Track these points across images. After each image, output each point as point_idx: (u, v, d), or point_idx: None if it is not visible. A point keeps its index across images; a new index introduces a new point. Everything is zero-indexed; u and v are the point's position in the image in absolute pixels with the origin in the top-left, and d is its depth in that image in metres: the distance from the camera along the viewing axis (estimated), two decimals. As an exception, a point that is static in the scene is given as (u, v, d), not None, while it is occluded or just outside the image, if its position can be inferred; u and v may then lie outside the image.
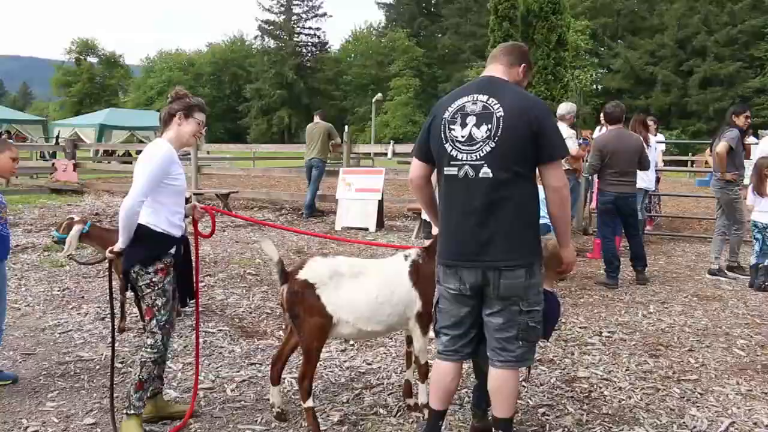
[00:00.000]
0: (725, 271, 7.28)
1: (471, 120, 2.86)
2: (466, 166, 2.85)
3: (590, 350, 4.82)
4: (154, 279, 3.34)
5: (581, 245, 9.08)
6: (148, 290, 3.35)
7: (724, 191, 7.19)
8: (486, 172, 2.81)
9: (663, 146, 11.16)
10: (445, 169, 2.93)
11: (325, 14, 69.32)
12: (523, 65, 3.09)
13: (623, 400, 3.94)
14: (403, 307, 3.55)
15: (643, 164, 6.86)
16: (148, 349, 3.37)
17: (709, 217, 10.26)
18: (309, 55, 69.54)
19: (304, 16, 68.88)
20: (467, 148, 2.85)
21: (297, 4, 68.55)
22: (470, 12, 60.06)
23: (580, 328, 5.36)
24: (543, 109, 2.89)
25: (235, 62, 71.02)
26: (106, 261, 4.21)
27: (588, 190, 9.70)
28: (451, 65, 59.41)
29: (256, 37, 70.74)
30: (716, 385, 4.20)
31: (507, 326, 2.88)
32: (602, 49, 52.34)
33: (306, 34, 69.49)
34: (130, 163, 25.25)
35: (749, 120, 7.27)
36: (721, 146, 7.01)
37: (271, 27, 68.48)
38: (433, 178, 3.13)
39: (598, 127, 9.65)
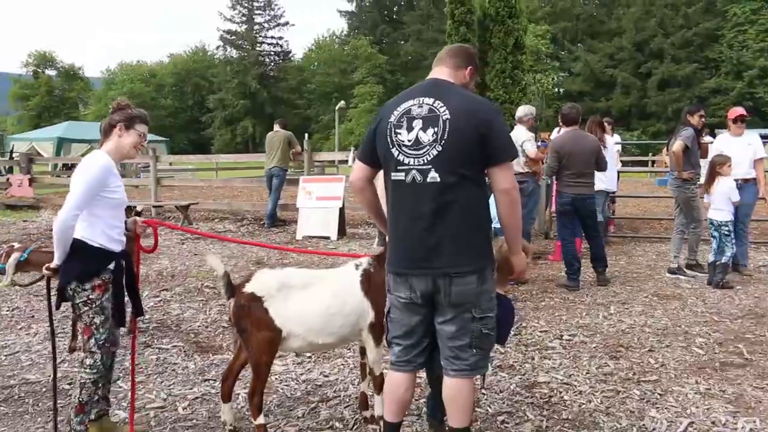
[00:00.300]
0: (684, 269, 7.32)
1: (417, 123, 2.78)
2: (414, 171, 2.77)
3: (551, 354, 4.77)
4: (91, 296, 3.20)
5: (543, 247, 9.09)
6: (86, 308, 3.20)
7: (681, 190, 7.24)
8: (433, 176, 2.73)
9: (619, 147, 11.23)
10: (393, 174, 2.85)
11: (287, 23, 69.07)
12: (469, 67, 3.03)
13: (583, 404, 3.89)
14: (356, 318, 3.46)
15: (600, 165, 6.87)
16: (87, 370, 3.22)
17: (668, 217, 10.36)
18: (272, 64, 69.19)
19: (266, 25, 68.53)
20: (414, 152, 2.77)
21: (259, 14, 68.21)
22: (432, 19, 60.31)
23: (540, 332, 5.31)
24: (490, 111, 2.83)
25: (197, 73, 70.29)
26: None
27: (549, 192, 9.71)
28: (414, 72, 59.49)
29: (218, 48, 70.09)
30: (676, 385, 4.17)
31: (460, 334, 2.81)
32: (563, 53, 53.07)
33: (269, 44, 69.15)
34: (90, 176, 24.77)
35: (704, 119, 7.33)
36: (676, 145, 7.06)
37: (233, 37, 67.97)
38: (380, 185, 3.03)
39: (556, 129, 9.67)
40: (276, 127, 12.24)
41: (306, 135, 13.04)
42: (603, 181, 8.49)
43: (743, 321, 5.53)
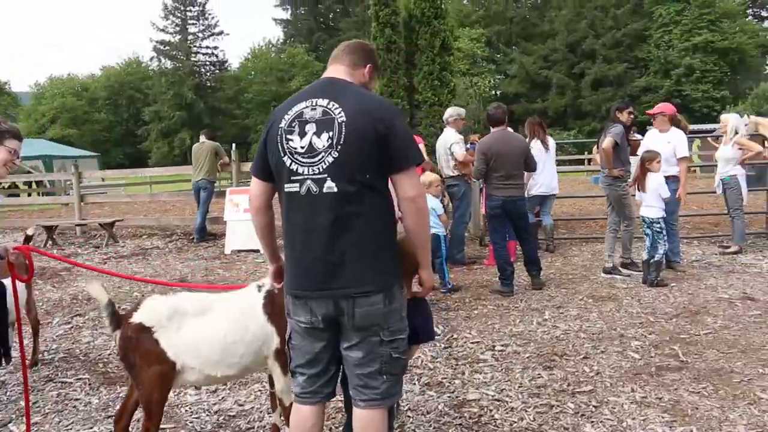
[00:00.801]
0: (619, 268, 7.20)
1: (310, 128, 2.47)
2: (308, 181, 2.45)
3: (482, 368, 4.50)
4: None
5: (478, 252, 8.88)
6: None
7: (613, 188, 7.11)
8: (330, 186, 2.42)
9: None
10: (286, 185, 2.53)
11: (222, 33, 67.82)
12: (368, 66, 2.73)
13: (515, 422, 3.62)
14: (259, 345, 3.12)
15: (530, 165, 6.68)
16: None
17: (603, 216, 10.32)
18: (208, 74, 67.87)
19: (200, 35, 67.15)
20: (308, 160, 2.45)
21: (192, 24, 66.80)
22: (367, 25, 59.65)
23: (472, 343, 5.04)
24: (391, 111, 2.52)
25: (131, 85, 68.41)
26: None
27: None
28: (352, 78, 59.36)
29: (152, 59, 68.36)
30: (611, 395, 3.95)
31: (367, 360, 2.50)
32: (498, 55, 53.70)
33: (204, 54, 67.74)
34: (17, 195, 23.69)
35: (632, 116, 7.23)
36: (606, 142, 6.93)
37: (167, 47, 66.43)
38: None
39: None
40: (202, 138, 11.80)
41: (233, 145, 12.53)
42: (542, 185, 8.36)
43: (678, 320, 5.39)
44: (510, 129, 9.26)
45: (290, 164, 2.49)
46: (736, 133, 8.15)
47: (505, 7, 54.12)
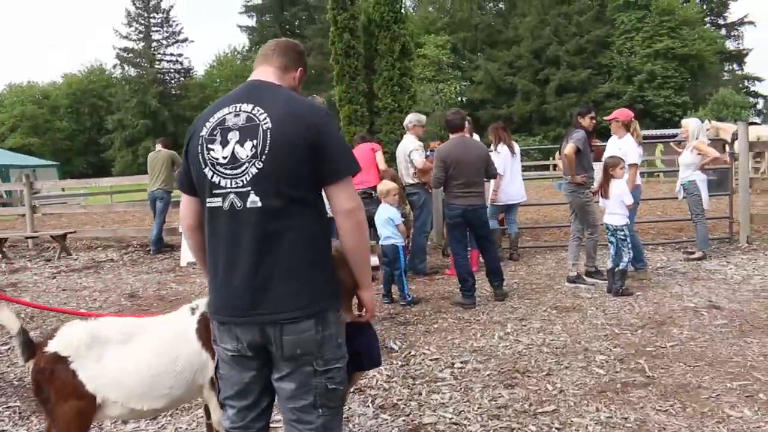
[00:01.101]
0: (584, 277, 7.03)
1: (233, 136, 2.21)
2: (232, 195, 2.20)
3: (440, 387, 4.26)
4: None
5: (441, 262, 8.65)
6: None
7: (576, 195, 6.94)
8: (254, 200, 2.17)
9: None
10: (208, 200, 2.27)
11: (186, 40, 66.98)
12: (299, 69, 2.49)
13: (473, 449, 3.38)
14: (192, 374, 2.85)
15: (490, 172, 6.49)
16: None
17: (567, 224, 10.19)
18: (172, 82, 67.00)
19: (164, 42, 66.23)
20: (231, 171, 2.19)
21: (156, 31, 65.88)
22: (334, 31, 60.21)
23: (430, 360, 4.80)
24: (322, 117, 2.26)
25: (94, 93, 67.14)
26: None
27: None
28: (317, 86, 58.82)
29: (115, 66, 67.19)
30: (575, 415, 3.73)
31: (301, 393, 2.24)
32: (464, 62, 53.86)
33: (168, 61, 66.87)
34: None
35: (595, 121, 7.08)
36: (568, 148, 6.76)
37: (130, 55, 65.39)
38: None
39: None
40: (158, 147, 11.42)
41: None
42: (508, 194, 8.19)
43: (644, 331, 5.21)
44: (472, 135, 9.14)
45: (212, 177, 2.23)
46: (696, 138, 8.08)
47: (470, 14, 54.37)
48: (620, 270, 6.39)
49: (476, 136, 8.90)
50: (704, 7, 51.91)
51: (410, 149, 7.69)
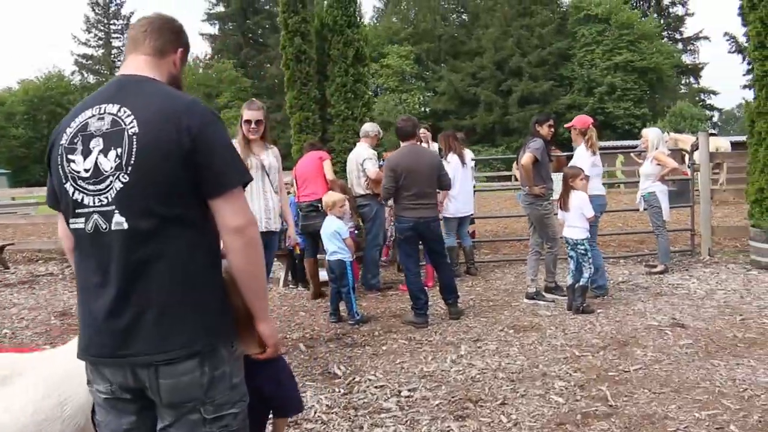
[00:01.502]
0: (543, 293, 6.68)
1: (96, 143, 1.81)
2: (95, 215, 1.80)
3: (384, 420, 3.84)
4: None
5: (396, 277, 8.24)
6: None
7: (534, 207, 6.58)
8: (119, 221, 1.76)
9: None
10: (71, 221, 1.87)
11: (146, 47, 65.93)
12: (179, 50, 2.06)
13: (414, 496, 2.97)
14: (84, 419, 2.39)
15: (443, 183, 6.11)
16: None
17: (528, 237, 9.89)
18: (132, 89, 65.78)
19: (124, 50, 64.99)
20: (94, 187, 1.80)
21: (116, 37, 64.70)
22: (297, 41, 59.71)
23: (376, 387, 4.37)
24: (203, 116, 1.83)
25: (52, 99, 65.37)
26: None
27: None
28: (280, 95, 58.23)
29: (73, 73, 65.67)
30: (530, 453, 3.35)
31: None
32: (427, 73, 53.85)
33: (128, 68, 65.69)
34: None
35: (553, 129, 6.74)
36: (526, 158, 6.40)
37: (89, 61, 64.05)
38: None
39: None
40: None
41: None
42: (457, 206, 7.83)
43: (606, 353, 4.86)
44: (429, 145, 8.78)
45: (74, 193, 1.82)
46: (657, 148, 7.85)
47: (434, 25, 54.40)
48: (581, 286, 6.06)
49: (435, 146, 8.57)
50: (662, 22, 52.86)
51: (364, 157, 7.30)
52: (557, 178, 6.98)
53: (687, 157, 12.07)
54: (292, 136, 8.81)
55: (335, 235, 6.04)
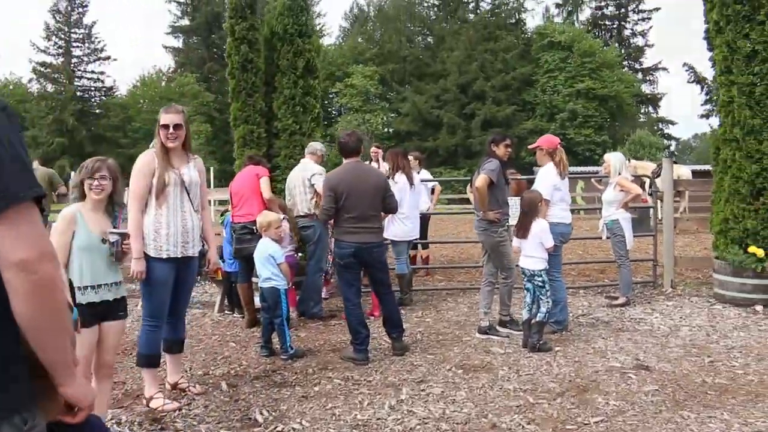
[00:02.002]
0: (497, 327, 6.14)
1: None
2: None
3: (302, 485, 3.24)
4: None
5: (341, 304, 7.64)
6: None
7: (488, 233, 6.04)
8: None
9: (434, 185, 10.16)
10: None
11: (108, 58, 64.39)
12: None
13: None
14: None
15: (389, 206, 5.55)
16: None
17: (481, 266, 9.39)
18: (92, 100, 64.12)
19: (85, 59, 63.42)
20: None
21: (77, 46, 63.08)
22: (261, 57, 59.06)
23: (298, 441, 3.78)
24: None
25: (8, 108, 63.47)
26: None
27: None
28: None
29: (30, 80, 63.76)
30: None
31: None
32: (391, 93, 53.63)
33: (88, 78, 64.00)
34: None
35: (510, 149, 6.24)
36: (480, 180, 5.87)
37: (48, 70, 62.31)
38: None
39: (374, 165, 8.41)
40: (35, 164, 10.07)
41: (71, 173, 10.92)
42: (409, 223, 7.31)
43: (563, 401, 4.33)
44: (379, 165, 8.25)
45: None
46: (619, 173, 7.46)
47: (399, 46, 54.31)
48: (537, 322, 5.54)
49: (384, 166, 8.05)
50: (622, 51, 53.66)
51: (313, 172, 6.74)
52: (514, 203, 6.51)
53: (647, 183, 11.83)
54: (235, 150, 8.19)
55: (269, 259, 5.43)
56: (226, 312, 7.34)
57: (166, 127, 4.33)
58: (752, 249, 7.04)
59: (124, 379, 5.00)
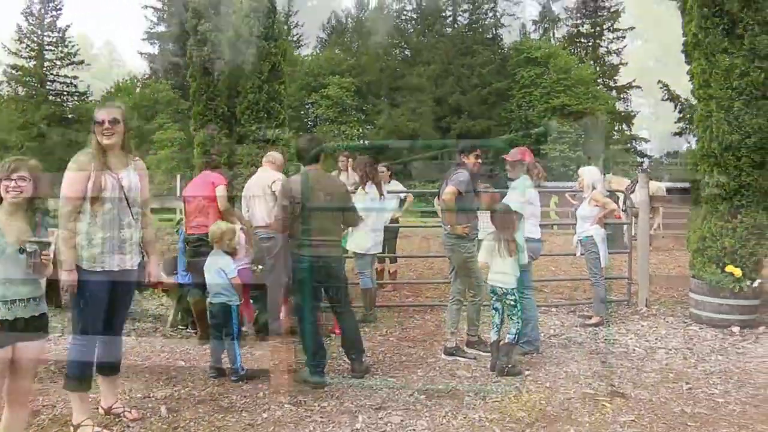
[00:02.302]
0: (464, 348, 5.80)
1: None
2: None
3: None
4: None
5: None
6: None
7: (456, 248, 5.71)
8: None
9: (406, 196, 9.76)
10: None
11: (82, 62, 63.47)
12: None
13: None
14: None
15: (350, 219, 5.18)
16: None
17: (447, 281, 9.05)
18: (65, 104, 63.03)
19: (58, 63, 62.42)
20: None
21: (50, 50, 62.04)
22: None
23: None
24: None
25: (-24, 110, 62.11)
26: None
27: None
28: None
29: (1, 83, 62.52)
30: None
31: None
32: (367, 105, 53.43)
33: (61, 83, 62.97)
34: None
35: (480, 160, 5.92)
36: (448, 192, 5.55)
37: (20, 73, 61.17)
38: None
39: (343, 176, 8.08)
40: None
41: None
42: (375, 235, 6.99)
43: (532, 432, 4.01)
44: (348, 175, 7.90)
45: None
46: (594, 188, 7.20)
47: (376, 57, 54.24)
48: (506, 344, 5.22)
49: (354, 176, 7.71)
50: (597, 69, 54.12)
51: (273, 179, 6.37)
52: (485, 217, 6.18)
53: (621, 199, 11.64)
54: (194, 157, 7.79)
55: (219, 273, 5.04)
56: (179, 327, 6.91)
57: (100, 123, 3.93)
58: (730, 268, 6.82)
59: (55, 402, 4.55)
